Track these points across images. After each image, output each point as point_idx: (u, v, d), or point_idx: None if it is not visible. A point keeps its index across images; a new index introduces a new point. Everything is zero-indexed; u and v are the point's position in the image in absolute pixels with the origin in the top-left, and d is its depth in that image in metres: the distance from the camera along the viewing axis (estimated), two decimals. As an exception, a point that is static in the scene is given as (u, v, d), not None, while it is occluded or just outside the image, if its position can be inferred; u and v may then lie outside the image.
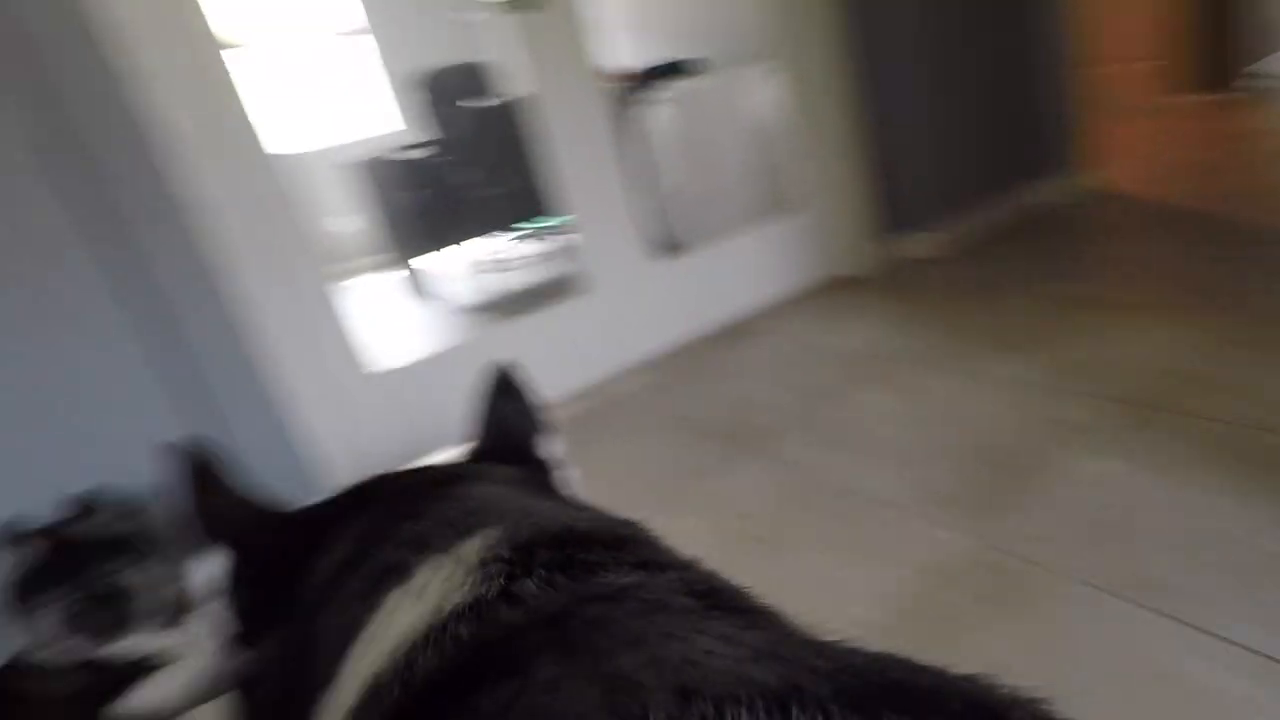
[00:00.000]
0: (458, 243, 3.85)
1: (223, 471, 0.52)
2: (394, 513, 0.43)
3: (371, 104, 5.61)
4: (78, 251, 1.36)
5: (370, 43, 5.55)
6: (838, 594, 1.11)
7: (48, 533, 1.11)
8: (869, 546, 1.21)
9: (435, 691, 0.28)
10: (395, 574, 0.35)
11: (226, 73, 1.52)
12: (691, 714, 0.22)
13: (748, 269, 2.43)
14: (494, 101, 3.80)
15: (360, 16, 5.48)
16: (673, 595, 0.31)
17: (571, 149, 2.03)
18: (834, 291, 2.51)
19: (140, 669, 1.13)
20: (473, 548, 0.35)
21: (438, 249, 3.83)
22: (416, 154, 3.66)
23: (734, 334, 2.34)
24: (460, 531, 0.37)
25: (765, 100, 2.77)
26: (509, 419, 0.58)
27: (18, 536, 1.06)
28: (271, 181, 1.60)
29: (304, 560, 0.44)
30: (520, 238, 4.56)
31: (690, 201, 3.05)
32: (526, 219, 4.14)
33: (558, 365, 2.11)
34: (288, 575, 0.44)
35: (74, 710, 1.12)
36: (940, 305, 2.18)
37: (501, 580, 0.32)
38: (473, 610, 0.31)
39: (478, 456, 0.57)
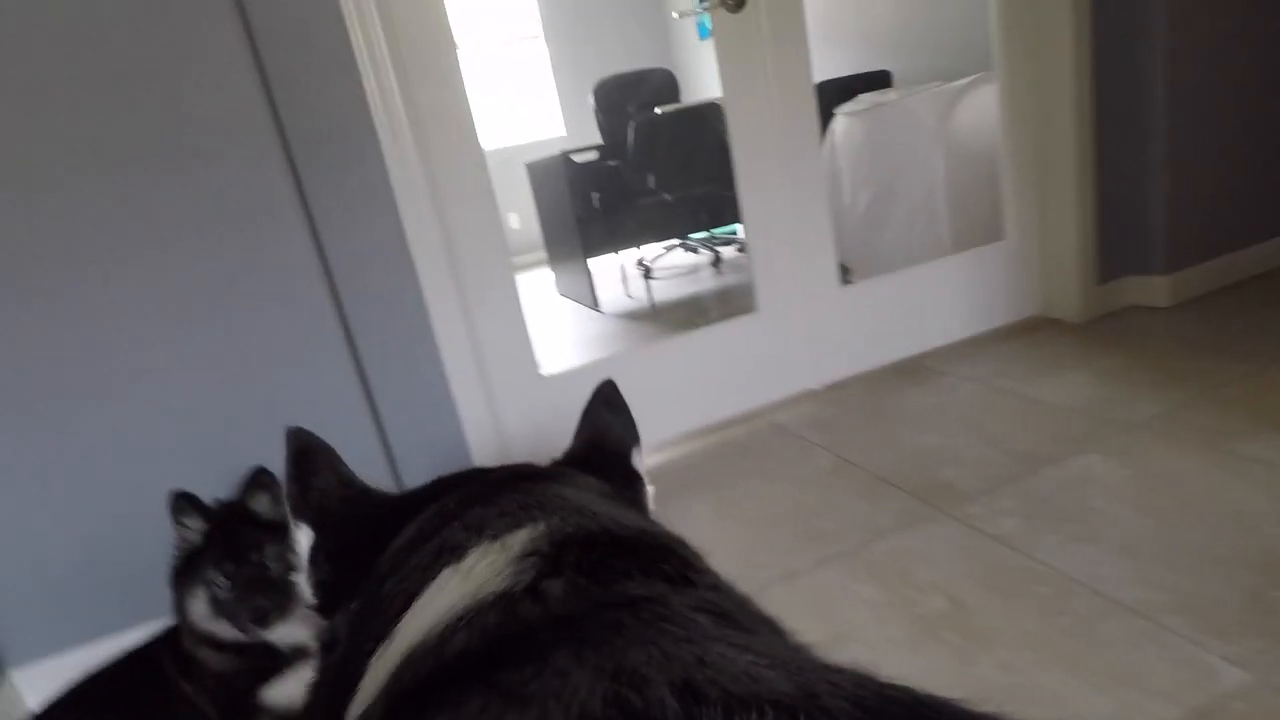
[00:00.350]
0: (622, 247, 3.83)
1: (324, 455, 0.55)
2: (469, 498, 0.45)
3: (537, 108, 5.77)
4: (292, 226, 1.39)
5: (542, 49, 5.70)
6: (1074, 720, 0.89)
7: (216, 510, 1.11)
8: (1112, 667, 0.98)
9: (461, 666, 0.29)
10: (452, 552, 0.37)
11: (458, 68, 1.55)
12: (698, 712, 0.22)
13: (933, 301, 2.18)
14: (668, 110, 3.76)
15: (535, 24, 5.65)
16: (691, 610, 0.31)
17: (757, 160, 1.89)
18: (1034, 334, 2.21)
19: (295, 656, 1.11)
20: (519, 539, 0.36)
21: (602, 252, 3.82)
22: (584, 158, 3.66)
23: (914, 371, 2.11)
24: (515, 522, 0.39)
25: (966, 117, 2.50)
26: (609, 429, 0.59)
27: (185, 509, 1.06)
28: (483, 176, 1.61)
29: (384, 539, 0.47)
30: (686, 246, 4.49)
31: (873, 223, 2.82)
32: (694, 228, 4.07)
33: (718, 383, 1.98)
34: (367, 553, 0.47)
35: (228, 687, 1.11)
36: (1174, 364, 1.84)
37: (532, 574, 0.33)
38: (504, 599, 0.32)
39: (570, 460, 0.58)
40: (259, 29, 1.31)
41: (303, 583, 0.52)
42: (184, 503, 1.06)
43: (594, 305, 3.74)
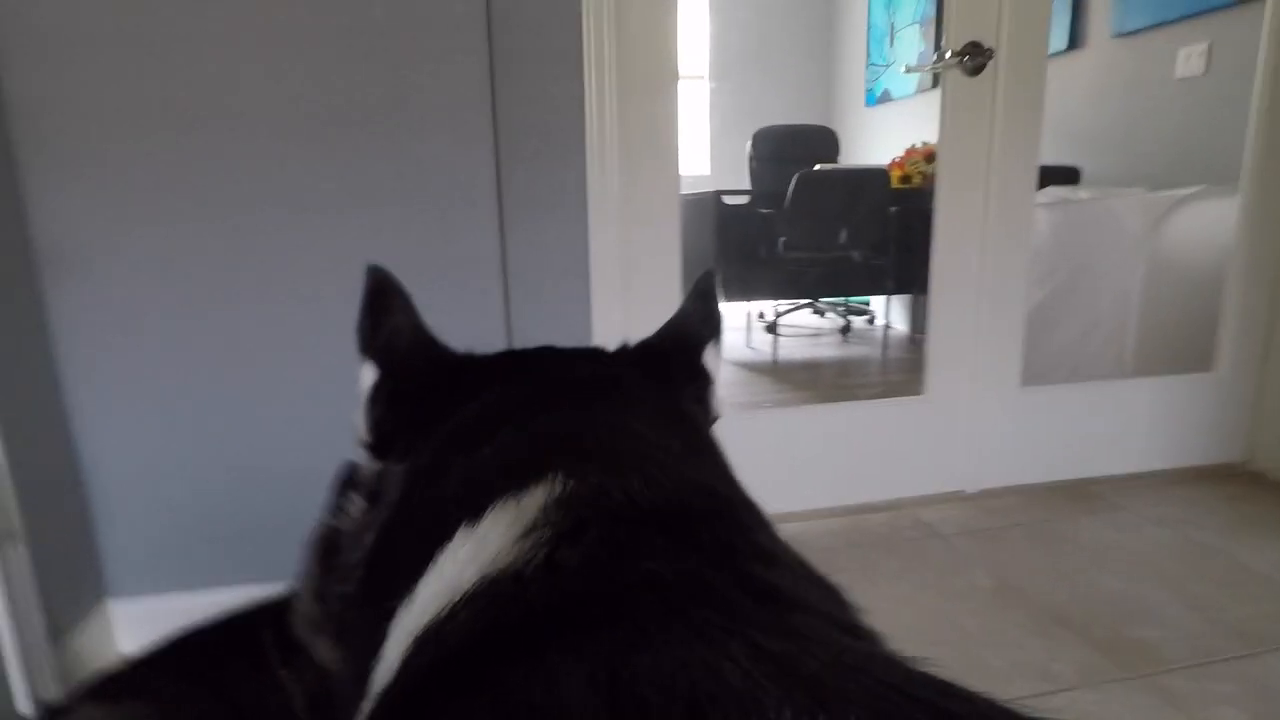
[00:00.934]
0: (755, 297, 3.72)
1: (401, 299, 0.55)
2: (520, 402, 0.43)
3: (687, 144, 5.78)
4: (483, 213, 1.34)
5: (704, 89, 5.73)
6: None
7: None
8: None
9: (459, 658, 0.27)
10: (470, 507, 0.34)
11: (675, 96, 1.54)
12: None
13: (1115, 422, 1.95)
14: (834, 168, 3.66)
15: (703, 65, 5.70)
16: (728, 588, 0.28)
17: (960, 235, 1.74)
18: (1230, 485, 1.93)
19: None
20: (535, 500, 0.33)
21: (735, 299, 3.72)
22: (734, 201, 3.59)
23: (1081, 495, 1.87)
24: (538, 470, 0.35)
25: (1179, 231, 2.27)
26: (688, 320, 0.58)
27: (352, 482, 0.99)
28: (673, 204, 1.55)
29: (444, 402, 0.45)
30: (815, 309, 4.35)
31: (1042, 322, 2.60)
32: (831, 292, 3.92)
33: (863, 463, 1.81)
34: (426, 406, 0.46)
35: (328, 689, 1.03)
36: None
37: (546, 549, 0.30)
38: (510, 577, 0.29)
39: (643, 350, 0.56)
40: (497, 10, 1.29)
41: (358, 419, 0.51)
42: (358, 475, 0.98)
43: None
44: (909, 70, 4.05)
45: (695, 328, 0.57)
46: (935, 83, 4.38)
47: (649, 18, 1.46)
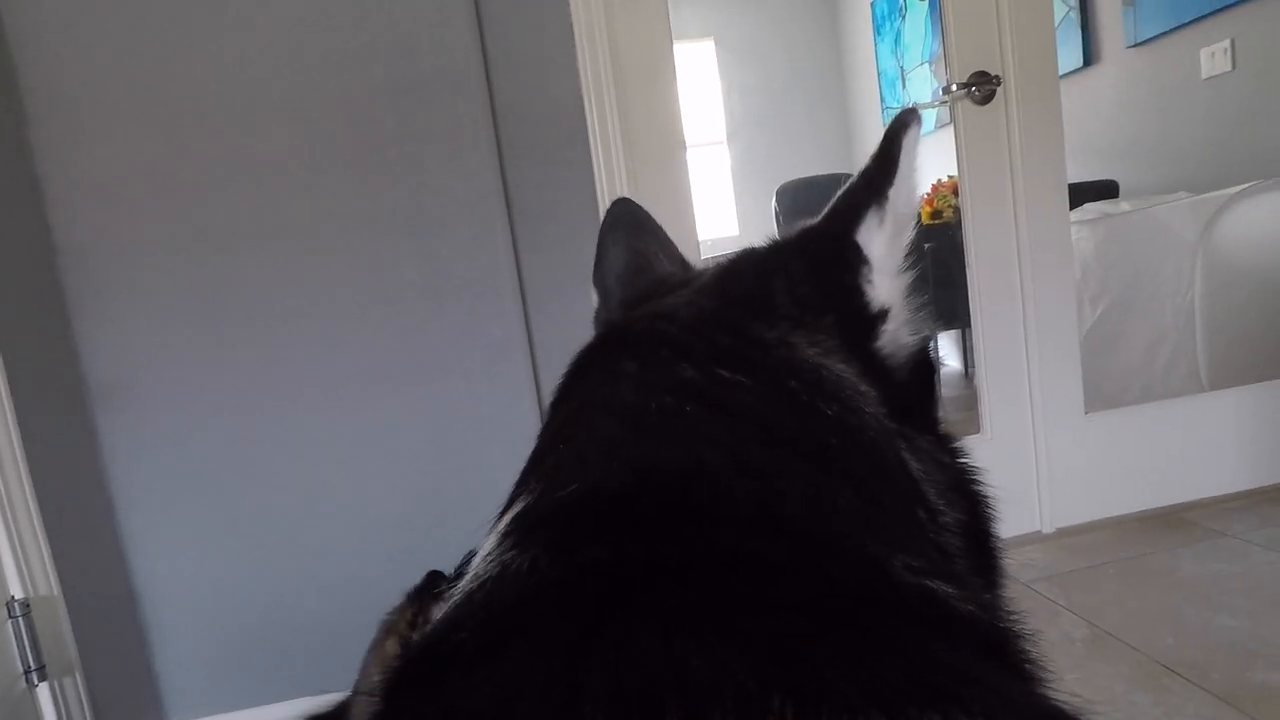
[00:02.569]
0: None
1: (628, 231, 0.55)
2: (581, 368, 0.42)
3: (714, 207, 5.87)
4: (506, 300, 1.36)
5: (724, 153, 5.85)
6: None
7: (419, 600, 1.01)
8: None
9: (441, 652, 0.27)
10: (517, 491, 0.34)
11: (685, 165, 1.56)
12: None
13: (1201, 442, 1.81)
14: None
15: (720, 130, 5.83)
16: (682, 566, 0.26)
17: (996, 264, 1.69)
18: (1341, 498, 1.76)
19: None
20: (511, 513, 0.32)
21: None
22: (764, 256, 3.58)
23: (1176, 525, 1.73)
24: (526, 478, 0.35)
25: (1234, 231, 2.16)
26: (856, 186, 0.44)
27: (437, 592, 0.95)
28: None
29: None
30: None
31: (1100, 344, 2.48)
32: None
33: (925, 516, 1.71)
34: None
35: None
36: None
37: (499, 561, 0.29)
38: (475, 591, 0.29)
39: (792, 239, 0.46)
40: (500, 104, 1.33)
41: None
42: (441, 583, 0.94)
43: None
44: (920, 108, 4.06)
45: (858, 193, 0.42)
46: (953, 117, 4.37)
47: (649, 92, 1.49)
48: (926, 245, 3.38)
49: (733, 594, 0.25)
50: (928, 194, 3.86)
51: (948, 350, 3.92)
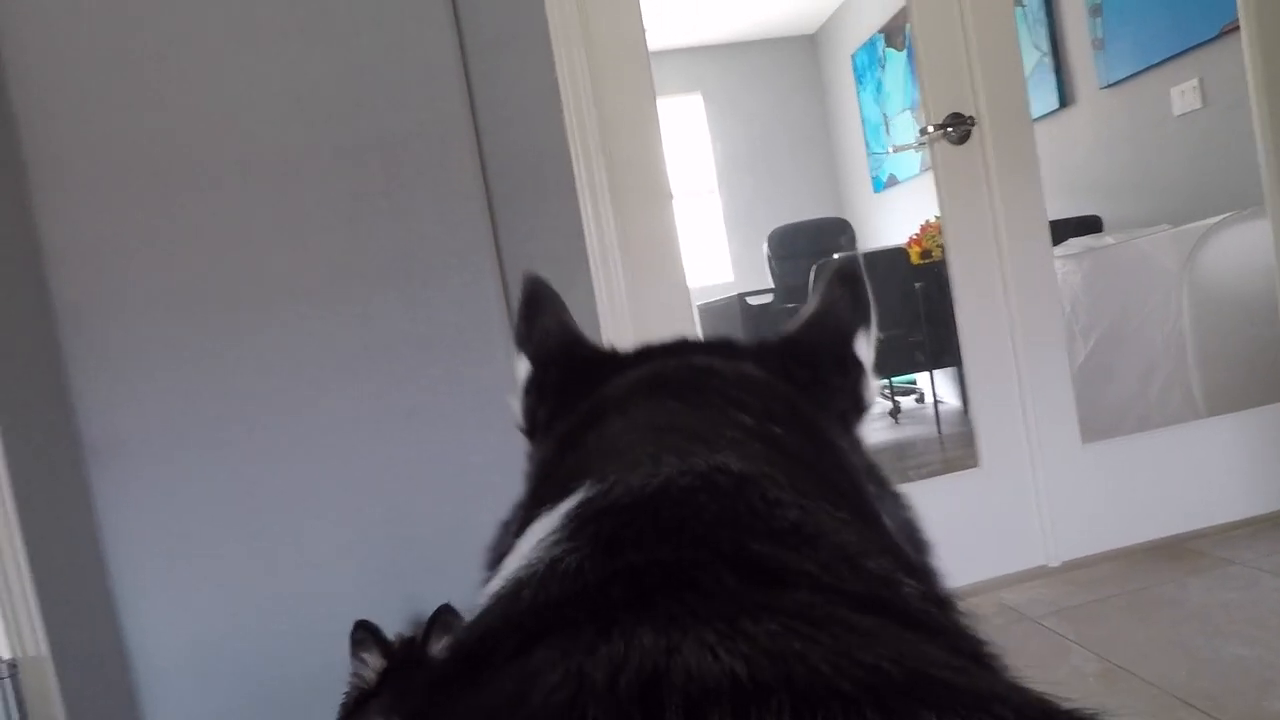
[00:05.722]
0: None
1: (552, 301, 0.60)
2: (618, 404, 0.46)
3: (707, 255, 5.95)
4: (495, 346, 1.37)
5: (715, 201, 5.96)
6: None
7: (397, 648, 1.00)
8: None
9: (470, 653, 0.29)
10: (549, 501, 0.37)
11: (670, 210, 1.59)
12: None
13: (1201, 469, 1.80)
14: (851, 254, 3.70)
15: (711, 179, 5.96)
16: (708, 572, 0.28)
17: (981, 299, 1.71)
18: (1345, 522, 1.74)
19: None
20: (564, 508, 0.36)
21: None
22: (759, 300, 3.63)
23: (1181, 554, 1.71)
24: (580, 475, 0.38)
25: (1215, 260, 2.19)
26: (839, 308, 0.56)
27: (365, 642, 0.96)
28: (687, 313, 1.58)
29: (577, 393, 0.50)
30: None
31: (1093, 376, 2.49)
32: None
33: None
34: (567, 395, 0.51)
35: None
36: None
37: (550, 555, 0.32)
38: (522, 585, 0.32)
39: (783, 343, 0.55)
40: (492, 158, 1.37)
41: (514, 405, 0.57)
42: (365, 634, 0.96)
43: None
44: (897, 150, 4.15)
45: (844, 315, 0.55)
46: (937, 160, 4.47)
47: (634, 143, 1.54)
48: (917, 285, 3.43)
49: (748, 599, 0.26)
50: (916, 235, 3.93)
51: (945, 388, 3.92)
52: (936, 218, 3.98)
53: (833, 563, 0.31)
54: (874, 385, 0.54)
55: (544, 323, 0.59)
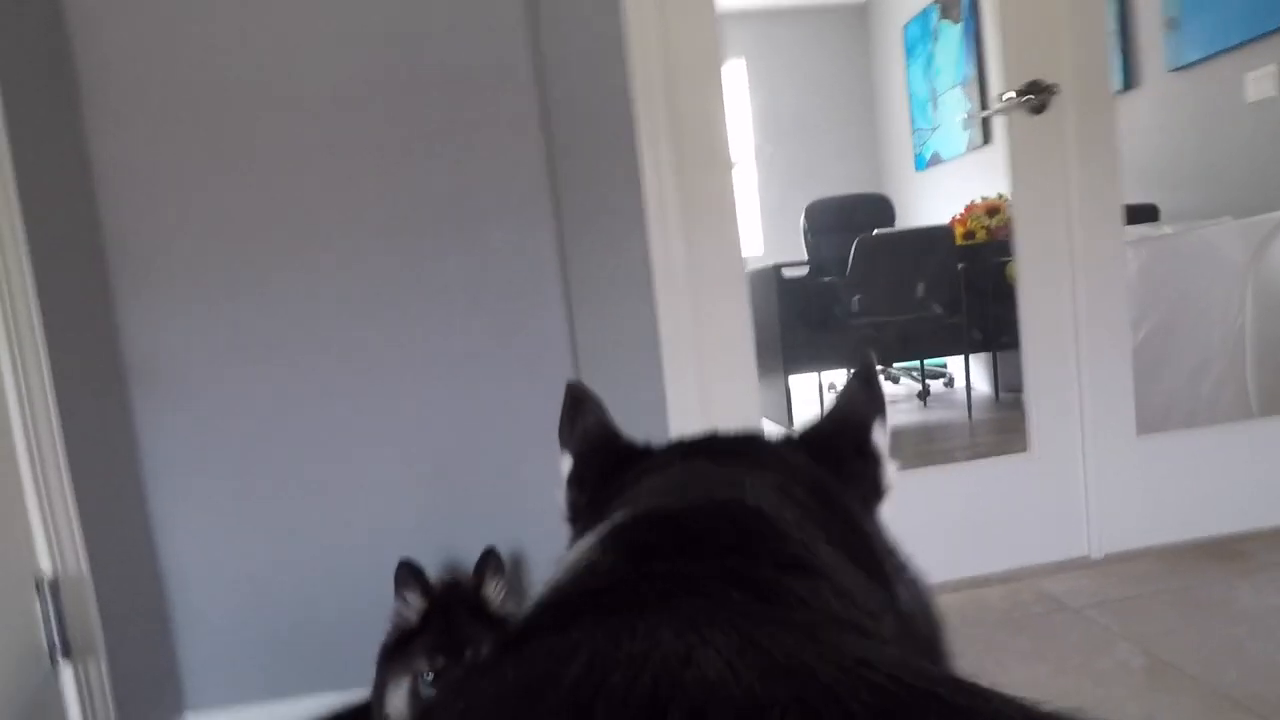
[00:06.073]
0: (825, 368, 3.62)
1: (593, 403, 0.66)
2: (652, 469, 0.54)
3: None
4: (550, 298, 1.34)
5: (749, 171, 5.84)
6: None
7: (441, 589, 0.98)
8: None
9: (523, 631, 0.33)
10: (592, 529, 0.43)
11: (730, 167, 1.52)
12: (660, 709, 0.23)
13: (1258, 470, 1.74)
14: (893, 231, 3.61)
15: (749, 149, 5.83)
16: (724, 585, 0.32)
17: (1046, 281, 1.64)
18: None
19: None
20: (601, 530, 0.41)
21: (803, 370, 3.63)
22: (793, 273, 3.56)
23: (1228, 555, 1.66)
24: (618, 507, 0.45)
25: (1276, 260, 2.10)
26: (856, 402, 0.61)
27: (407, 581, 0.94)
28: (739, 274, 1.54)
29: (613, 478, 0.56)
30: (887, 375, 4.20)
31: (1144, 367, 2.42)
32: (903, 356, 3.79)
33: (972, 531, 1.65)
34: (600, 484, 0.57)
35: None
36: None
37: (588, 560, 0.38)
38: (566, 584, 0.37)
39: (809, 433, 0.61)
40: (554, 102, 1.32)
41: (559, 498, 0.62)
42: (407, 574, 0.94)
43: (789, 424, 3.51)
44: (968, 118, 3.97)
45: (860, 408, 0.61)
46: (986, 140, 4.35)
47: (698, 98, 1.47)
48: (960, 266, 3.34)
49: (753, 610, 0.30)
50: (960, 215, 3.83)
51: (978, 375, 3.85)
52: (983, 198, 3.87)
53: (827, 593, 0.34)
54: (891, 471, 0.59)
55: (585, 422, 0.64)
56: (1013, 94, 1.57)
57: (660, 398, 1.41)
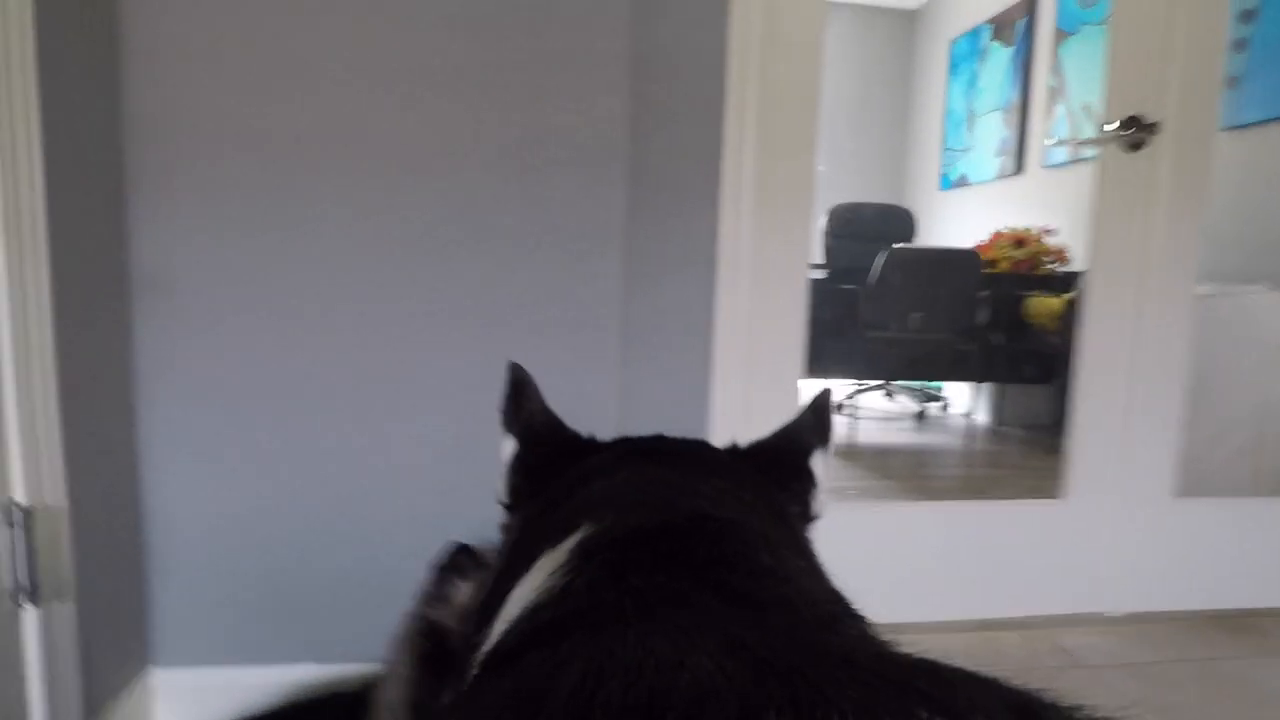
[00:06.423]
0: (828, 376, 3.55)
1: (534, 389, 0.67)
2: (602, 470, 0.53)
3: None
4: (606, 261, 1.22)
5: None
6: None
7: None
8: None
9: (500, 656, 0.35)
10: (551, 541, 0.43)
11: (813, 147, 1.42)
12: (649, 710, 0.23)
13: (1272, 546, 1.70)
14: (924, 247, 3.54)
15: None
16: (702, 593, 0.33)
17: (1111, 324, 1.57)
18: None
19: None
20: (567, 546, 0.41)
21: (808, 375, 3.55)
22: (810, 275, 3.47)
23: (1247, 629, 1.62)
24: (577, 520, 0.43)
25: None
26: (804, 428, 0.64)
27: (462, 568, 0.82)
28: (805, 259, 1.45)
29: (558, 470, 0.57)
30: (887, 391, 4.15)
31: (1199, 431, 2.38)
32: (908, 375, 3.74)
33: (991, 572, 1.59)
34: (547, 473, 0.58)
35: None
36: None
37: (562, 582, 0.37)
38: (550, 596, 0.37)
39: (751, 448, 0.63)
40: (648, 50, 1.19)
41: (499, 483, 0.62)
42: (466, 560, 0.81)
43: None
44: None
45: (806, 434, 0.63)
46: (1019, 169, 4.28)
47: (795, 74, 1.36)
48: (982, 294, 3.28)
49: (737, 616, 0.31)
50: (986, 243, 3.77)
51: (978, 405, 3.81)
52: (1010, 228, 3.81)
53: (796, 597, 0.36)
54: (823, 500, 0.60)
55: (530, 407, 0.65)
56: (1114, 124, 1.48)
57: (704, 391, 1.31)
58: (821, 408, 0.66)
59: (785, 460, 0.61)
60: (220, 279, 1.11)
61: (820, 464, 0.62)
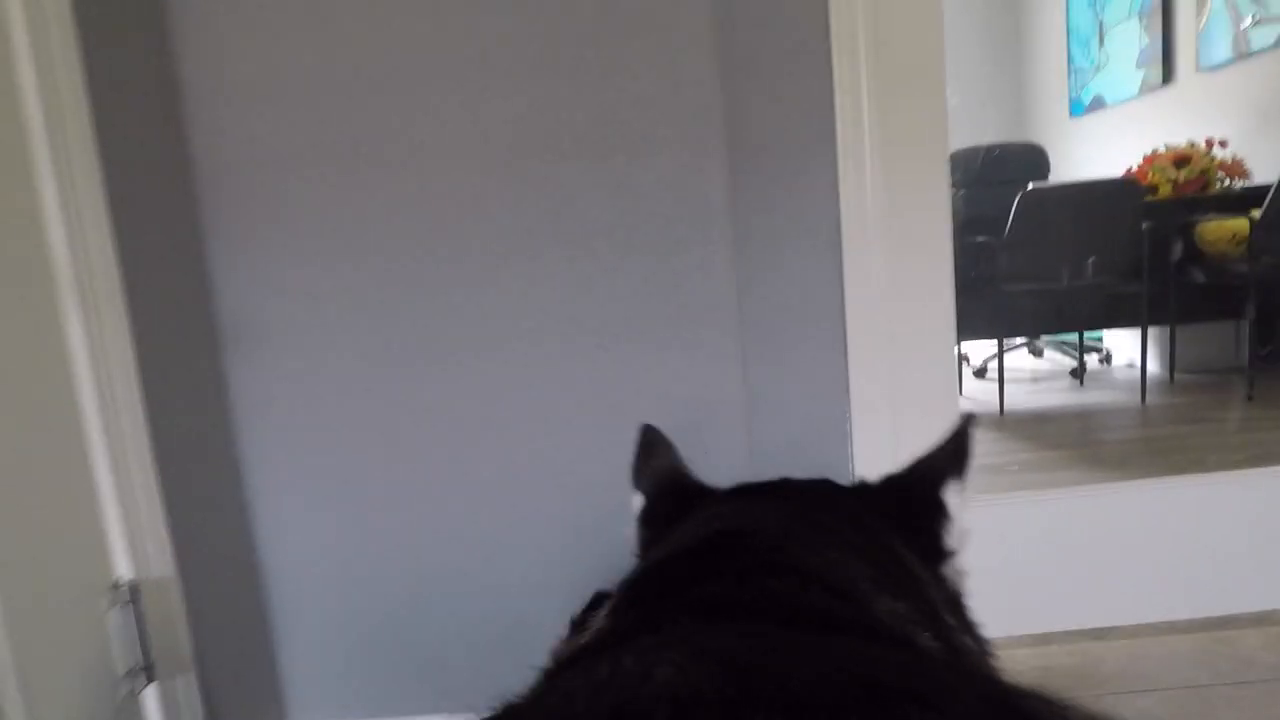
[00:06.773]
0: (967, 337, 3.23)
1: (664, 446, 0.70)
2: (692, 516, 0.57)
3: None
4: (714, 247, 1.07)
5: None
6: None
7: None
8: None
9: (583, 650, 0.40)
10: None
11: (942, 90, 1.18)
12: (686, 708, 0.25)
13: None
14: (1064, 184, 3.15)
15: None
16: (695, 616, 0.37)
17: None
18: None
19: None
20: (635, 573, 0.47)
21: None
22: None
23: None
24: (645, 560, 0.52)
25: None
26: (940, 457, 0.63)
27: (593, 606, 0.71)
28: (945, 226, 1.21)
29: (676, 520, 0.58)
30: (1032, 349, 3.75)
31: None
32: (1059, 327, 3.35)
33: (1214, 559, 1.31)
34: (665, 525, 0.59)
35: None
36: None
37: (610, 618, 0.42)
38: (595, 635, 0.41)
39: (883, 483, 0.63)
40: (732, 7, 1.02)
41: (629, 536, 0.64)
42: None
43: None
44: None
45: (942, 464, 0.61)
46: (1166, 79, 3.72)
47: (908, 11, 1.14)
48: (1145, 225, 2.85)
49: (719, 631, 0.35)
50: (1140, 165, 3.29)
51: (1153, 352, 3.33)
52: (1167, 147, 3.30)
53: (824, 599, 0.39)
54: (960, 533, 0.59)
55: (656, 464, 0.67)
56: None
57: (841, 384, 1.13)
58: (962, 435, 0.64)
59: (915, 495, 0.60)
60: (308, 317, 1.05)
61: (955, 496, 0.61)
